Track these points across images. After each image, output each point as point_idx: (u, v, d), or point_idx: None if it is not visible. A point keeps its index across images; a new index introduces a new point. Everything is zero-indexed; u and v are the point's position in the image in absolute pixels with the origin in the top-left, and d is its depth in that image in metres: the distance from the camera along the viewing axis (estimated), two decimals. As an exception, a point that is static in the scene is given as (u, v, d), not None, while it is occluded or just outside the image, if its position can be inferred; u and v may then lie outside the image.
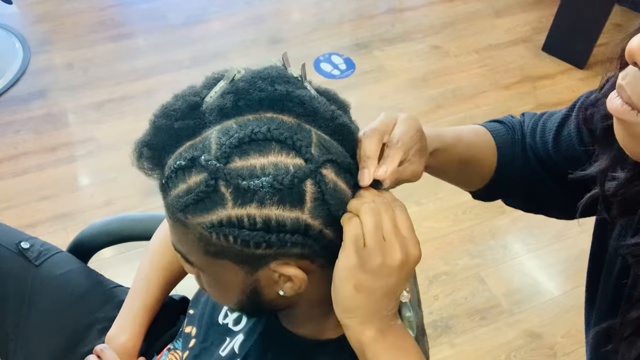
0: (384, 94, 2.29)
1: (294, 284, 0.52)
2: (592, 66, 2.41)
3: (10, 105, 2.17)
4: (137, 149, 0.53)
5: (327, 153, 0.50)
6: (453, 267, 1.70)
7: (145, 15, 2.67)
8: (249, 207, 0.47)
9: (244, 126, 0.49)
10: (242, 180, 0.46)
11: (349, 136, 0.54)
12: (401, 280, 0.51)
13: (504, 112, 2.21)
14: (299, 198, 0.47)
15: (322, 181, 0.48)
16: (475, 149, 0.73)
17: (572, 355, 1.52)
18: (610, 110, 0.46)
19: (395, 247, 0.50)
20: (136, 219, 1.04)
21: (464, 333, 1.56)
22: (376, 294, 0.51)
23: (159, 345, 0.90)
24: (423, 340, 0.82)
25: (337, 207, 0.50)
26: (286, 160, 0.48)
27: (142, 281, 0.87)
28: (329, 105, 0.53)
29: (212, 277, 0.57)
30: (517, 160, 0.74)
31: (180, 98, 0.52)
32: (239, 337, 0.70)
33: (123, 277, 1.06)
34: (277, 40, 2.54)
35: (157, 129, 0.52)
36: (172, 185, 0.50)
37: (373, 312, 0.52)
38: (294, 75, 0.54)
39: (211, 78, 0.54)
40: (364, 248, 0.50)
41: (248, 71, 0.53)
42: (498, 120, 0.78)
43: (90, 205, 1.83)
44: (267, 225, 0.47)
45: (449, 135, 0.69)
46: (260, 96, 0.50)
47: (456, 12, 2.75)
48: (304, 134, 0.50)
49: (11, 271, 0.92)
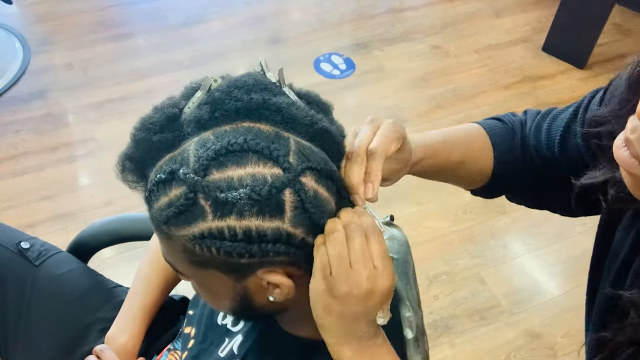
0: (384, 94, 2.29)
1: (282, 290, 0.52)
2: (592, 66, 2.41)
3: (10, 105, 2.17)
4: (119, 162, 0.54)
5: (306, 160, 0.49)
6: (453, 267, 1.70)
7: (145, 15, 2.67)
8: (228, 219, 0.47)
9: (220, 137, 0.48)
10: (220, 193, 0.46)
11: (330, 140, 0.53)
12: (370, 307, 0.51)
13: (504, 112, 2.18)
14: (278, 208, 0.47)
15: (301, 189, 0.48)
16: (466, 150, 0.73)
17: (572, 355, 1.52)
18: (617, 160, 0.46)
19: (361, 276, 0.49)
20: (136, 219, 1.04)
21: (464, 333, 1.56)
22: (346, 318, 0.51)
23: (159, 346, 0.90)
24: (423, 340, 0.82)
25: (319, 215, 0.50)
26: (263, 170, 0.47)
27: (141, 281, 0.87)
28: (307, 110, 0.53)
29: (203, 286, 0.57)
30: (516, 159, 0.74)
31: (158, 110, 0.52)
32: (238, 338, 0.70)
33: (123, 277, 1.06)
34: (277, 40, 2.54)
35: (137, 142, 0.52)
36: (155, 198, 0.50)
37: (347, 333, 0.52)
38: (272, 81, 0.53)
39: (189, 88, 0.54)
40: (331, 276, 0.50)
41: (225, 80, 0.53)
42: (497, 117, 0.78)
43: (90, 205, 1.83)
44: (248, 236, 0.47)
45: (436, 141, 0.69)
46: (236, 106, 0.50)
47: (456, 12, 2.75)
48: (282, 142, 0.49)
49: (11, 271, 0.91)
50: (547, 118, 0.74)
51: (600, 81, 2.34)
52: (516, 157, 0.74)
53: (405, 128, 0.60)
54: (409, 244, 0.87)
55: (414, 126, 2.15)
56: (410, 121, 2.17)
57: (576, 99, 0.73)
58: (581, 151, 0.68)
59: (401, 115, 2.19)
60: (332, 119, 0.56)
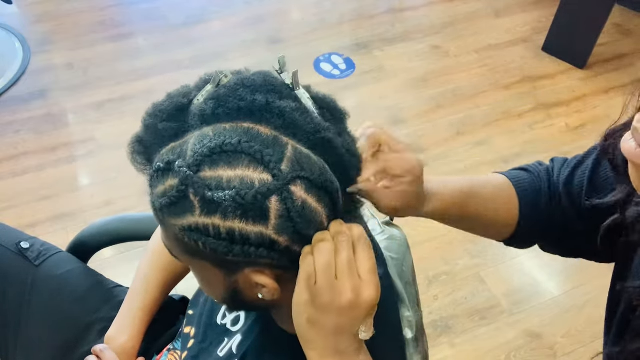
0: (384, 94, 2.29)
1: (268, 290, 0.52)
2: (592, 66, 2.41)
3: (10, 105, 2.17)
4: (131, 144, 0.54)
5: (300, 169, 0.48)
6: (453, 267, 1.70)
7: (145, 15, 2.67)
8: (214, 217, 0.47)
9: (217, 135, 0.48)
10: (208, 191, 0.46)
11: (332, 151, 0.52)
12: (354, 319, 0.51)
13: (504, 112, 2.22)
14: (262, 214, 0.47)
15: (288, 198, 0.47)
16: (491, 202, 0.72)
17: (572, 355, 1.52)
18: (623, 152, 0.45)
19: (345, 287, 0.49)
20: (136, 219, 1.04)
21: (464, 333, 1.56)
22: (328, 330, 0.51)
23: (159, 345, 0.90)
24: (423, 340, 0.82)
25: (304, 225, 0.49)
26: (253, 174, 0.47)
27: (141, 281, 0.87)
28: (314, 117, 0.52)
29: (197, 273, 0.58)
30: (543, 208, 0.74)
31: (170, 98, 0.53)
32: (237, 338, 0.70)
33: (123, 277, 1.06)
34: (277, 40, 2.54)
35: (146, 127, 0.53)
36: (154, 185, 0.51)
37: (328, 347, 0.52)
38: (286, 83, 0.53)
39: (203, 80, 0.54)
40: (315, 286, 0.50)
41: (235, 76, 0.53)
42: (523, 167, 0.78)
43: (90, 205, 1.83)
44: (231, 236, 0.47)
45: (460, 190, 0.69)
46: (239, 105, 0.50)
47: (456, 12, 2.75)
48: (278, 147, 0.49)
49: (11, 271, 0.92)
50: (575, 162, 0.74)
51: (600, 81, 2.35)
52: (543, 206, 0.74)
53: (424, 165, 0.61)
54: (408, 243, 0.87)
55: (414, 126, 2.15)
56: (410, 121, 2.17)
57: (576, 99, 0.73)
58: (611, 184, 0.67)
59: (401, 115, 2.19)
60: (344, 129, 0.56)
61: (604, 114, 2.19)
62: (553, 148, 2.06)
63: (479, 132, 2.14)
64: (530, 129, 2.15)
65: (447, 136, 2.12)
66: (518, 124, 2.17)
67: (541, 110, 2.21)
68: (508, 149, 2.07)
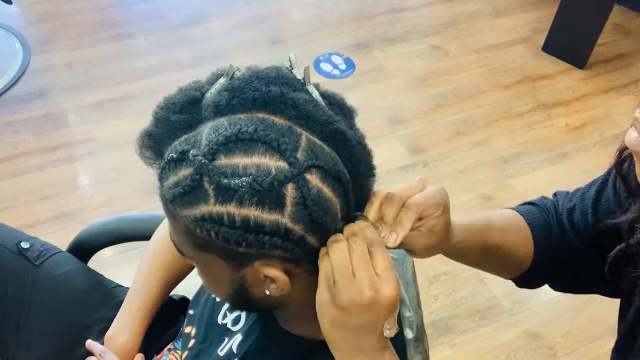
0: (384, 94, 2.29)
1: (277, 285, 0.52)
2: (592, 66, 2.41)
3: (10, 105, 2.17)
4: (140, 138, 0.54)
5: (315, 158, 0.49)
6: (453, 267, 1.70)
7: (145, 15, 2.67)
8: (228, 205, 0.47)
9: (233, 124, 0.49)
10: (224, 178, 0.46)
11: (344, 142, 0.53)
12: (376, 317, 0.50)
13: (504, 112, 2.22)
14: (279, 201, 0.47)
15: (304, 186, 0.48)
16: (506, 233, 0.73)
17: (572, 355, 1.52)
18: (627, 143, 0.46)
19: (363, 284, 0.49)
20: (136, 219, 1.04)
21: (464, 333, 1.56)
22: (352, 330, 0.51)
23: (159, 345, 0.90)
24: (423, 340, 0.82)
25: (320, 214, 0.49)
26: (269, 162, 0.47)
27: (141, 281, 0.87)
28: (326, 110, 0.52)
29: (203, 269, 0.58)
30: (555, 242, 0.74)
31: (182, 92, 0.54)
32: (238, 337, 0.70)
33: (123, 277, 1.06)
34: (277, 40, 2.54)
35: (157, 120, 0.53)
36: (165, 177, 0.51)
37: (354, 347, 0.52)
38: (298, 78, 0.54)
39: (215, 74, 0.55)
40: (334, 286, 0.50)
41: (248, 70, 0.54)
42: (530, 202, 0.79)
43: (90, 205, 1.83)
44: (246, 224, 0.47)
45: (479, 223, 0.69)
46: (254, 95, 0.51)
47: (456, 12, 2.75)
48: (293, 137, 0.49)
49: (11, 271, 0.92)
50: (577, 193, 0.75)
51: (600, 81, 2.35)
52: (553, 236, 0.74)
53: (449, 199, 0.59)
54: (409, 244, 0.87)
55: (414, 126, 2.15)
56: (410, 121, 2.17)
57: (576, 99, 0.74)
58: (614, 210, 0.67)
59: (401, 115, 2.19)
60: (353, 125, 0.56)
61: (604, 114, 2.19)
62: (553, 148, 2.07)
63: (479, 132, 2.14)
64: (530, 129, 2.15)
65: (447, 136, 2.12)
66: (518, 124, 2.17)
67: (541, 110, 2.21)
68: (508, 149, 2.07)
